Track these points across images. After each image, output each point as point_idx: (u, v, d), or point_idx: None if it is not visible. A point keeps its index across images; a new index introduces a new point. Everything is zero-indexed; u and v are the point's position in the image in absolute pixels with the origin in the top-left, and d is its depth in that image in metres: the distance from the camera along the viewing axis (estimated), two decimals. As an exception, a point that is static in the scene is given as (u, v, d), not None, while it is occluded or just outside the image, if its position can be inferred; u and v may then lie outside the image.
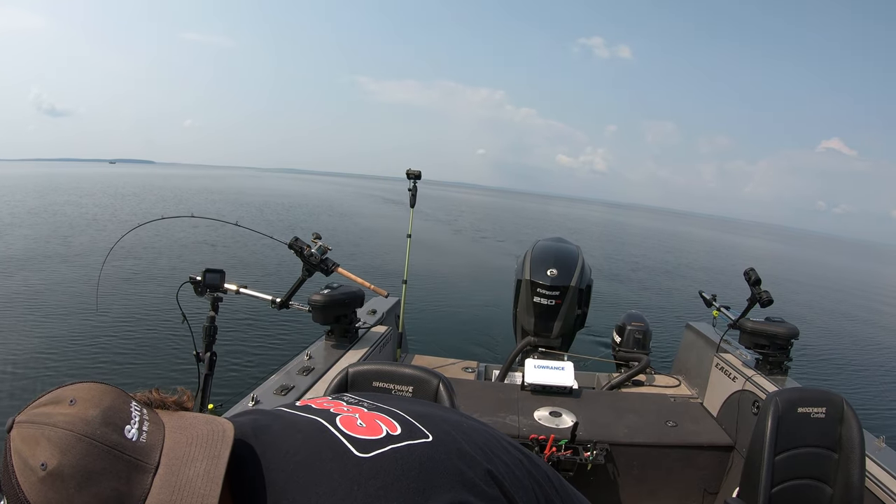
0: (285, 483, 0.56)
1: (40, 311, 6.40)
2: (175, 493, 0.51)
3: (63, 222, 14.81)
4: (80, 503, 0.48)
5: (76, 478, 0.48)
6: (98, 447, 0.50)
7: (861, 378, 7.16)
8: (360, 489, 0.53)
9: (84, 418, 0.51)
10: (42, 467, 0.48)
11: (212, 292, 1.53)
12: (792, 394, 1.74)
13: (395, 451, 0.58)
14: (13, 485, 0.50)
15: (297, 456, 0.58)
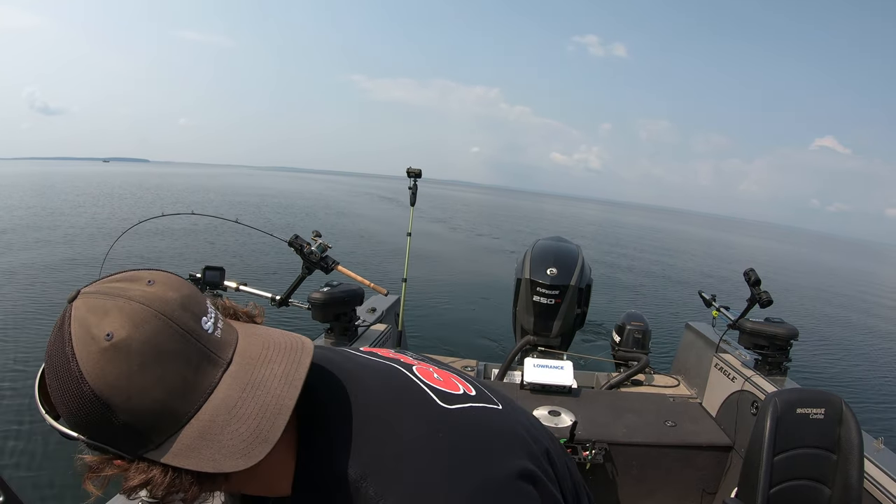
0: (364, 418, 0.52)
1: (41, 310, 6.40)
2: (246, 392, 0.46)
3: (63, 221, 14.80)
4: (139, 384, 0.43)
5: (143, 355, 0.43)
6: (173, 328, 0.45)
7: (860, 379, 7.17)
8: (444, 437, 0.51)
9: (163, 298, 0.46)
10: (107, 337, 0.43)
11: (211, 290, 1.53)
12: (791, 394, 1.74)
13: (474, 409, 0.56)
14: (66, 354, 0.44)
15: (377, 392, 0.55)
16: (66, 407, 0.46)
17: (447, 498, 0.47)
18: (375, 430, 0.51)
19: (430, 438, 0.50)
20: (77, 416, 0.46)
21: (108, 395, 0.43)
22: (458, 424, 0.53)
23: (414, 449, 0.49)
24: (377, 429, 0.51)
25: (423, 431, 0.51)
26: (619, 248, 22.51)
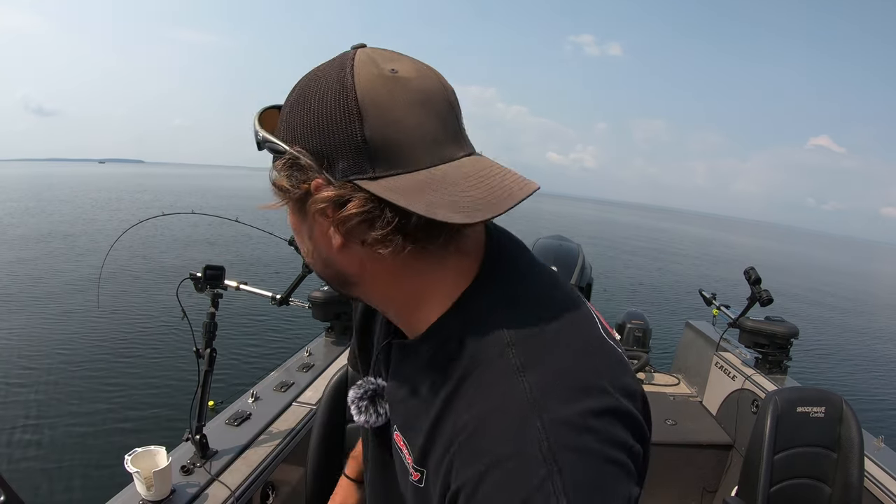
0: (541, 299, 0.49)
1: (43, 309, 6.41)
2: (481, 174, 0.45)
3: (62, 222, 14.81)
4: (400, 115, 0.42)
5: (417, 95, 0.43)
6: (447, 96, 0.46)
7: (860, 378, 7.17)
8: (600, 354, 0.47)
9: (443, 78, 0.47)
10: (391, 71, 0.43)
11: (212, 289, 1.53)
12: (791, 393, 1.74)
13: (619, 346, 0.51)
14: (343, 69, 0.43)
15: (561, 292, 0.51)
16: (317, 112, 0.44)
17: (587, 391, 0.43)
18: (545, 312, 0.47)
19: (587, 348, 0.47)
20: (322, 119, 0.44)
21: (367, 108, 0.42)
22: (614, 352, 0.48)
23: (571, 347, 0.46)
24: (546, 312, 0.48)
25: (584, 340, 0.47)
26: (619, 247, 22.53)
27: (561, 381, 0.43)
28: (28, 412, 3.91)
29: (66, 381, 4.44)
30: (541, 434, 0.40)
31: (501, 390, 0.43)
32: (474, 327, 0.47)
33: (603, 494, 0.39)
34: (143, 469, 1.19)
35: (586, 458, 0.40)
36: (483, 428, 0.43)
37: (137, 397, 4.26)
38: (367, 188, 0.42)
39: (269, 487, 1.48)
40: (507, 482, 0.39)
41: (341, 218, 0.44)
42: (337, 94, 0.43)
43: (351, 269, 0.49)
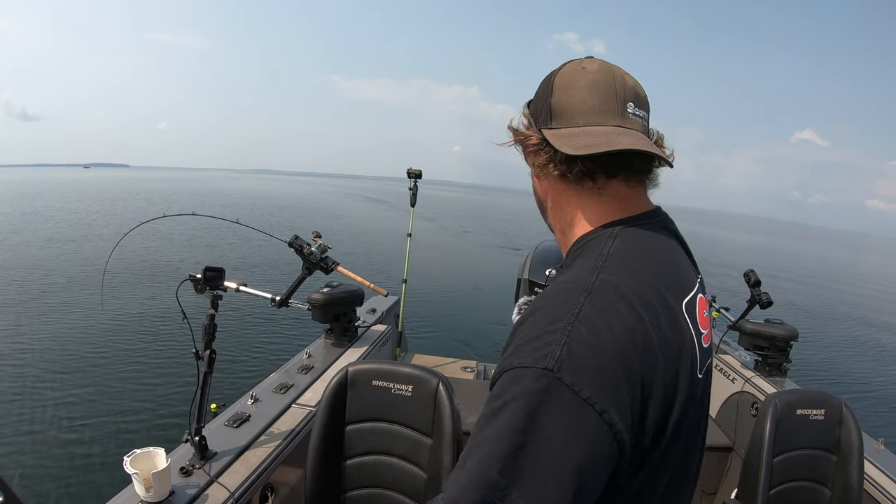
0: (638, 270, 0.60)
1: (43, 311, 6.41)
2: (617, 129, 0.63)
3: (60, 227, 14.80)
4: (573, 90, 0.65)
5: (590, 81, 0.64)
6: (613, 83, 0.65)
7: (860, 381, 7.16)
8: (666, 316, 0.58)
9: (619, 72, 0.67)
10: (581, 67, 0.67)
11: (211, 290, 1.53)
12: (791, 396, 1.74)
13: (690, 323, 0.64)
14: (556, 70, 0.68)
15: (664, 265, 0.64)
16: (539, 92, 0.69)
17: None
18: (645, 260, 0.62)
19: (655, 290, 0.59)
20: (539, 95, 0.69)
21: (556, 86, 0.66)
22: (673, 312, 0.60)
23: (642, 282, 0.58)
24: (646, 261, 0.62)
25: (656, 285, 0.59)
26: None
27: (618, 289, 0.55)
28: (28, 413, 3.91)
29: (66, 382, 4.43)
30: (579, 306, 0.53)
31: (577, 276, 0.58)
32: (595, 242, 0.64)
33: (588, 372, 0.49)
34: (142, 470, 1.19)
35: (595, 339, 0.51)
36: (551, 291, 0.59)
37: (137, 399, 4.25)
38: (543, 134, 0.66)
39: (269, 489, 1.47)
40: (538, 319, 0.54)
41: (528, 152, 0.69)
42: (548, 79, 0.68)
43: (543, 197, 0.74)
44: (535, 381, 0.49)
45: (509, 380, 0.51)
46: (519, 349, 0.53)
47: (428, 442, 1.38)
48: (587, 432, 0.48)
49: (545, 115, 0.67)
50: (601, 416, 0.48)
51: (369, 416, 1.43)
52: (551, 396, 0.48)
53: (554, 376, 0.49)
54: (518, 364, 0.51)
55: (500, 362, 0.55)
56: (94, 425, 3.80)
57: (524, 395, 0.49)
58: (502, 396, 0.50)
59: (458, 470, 0.50)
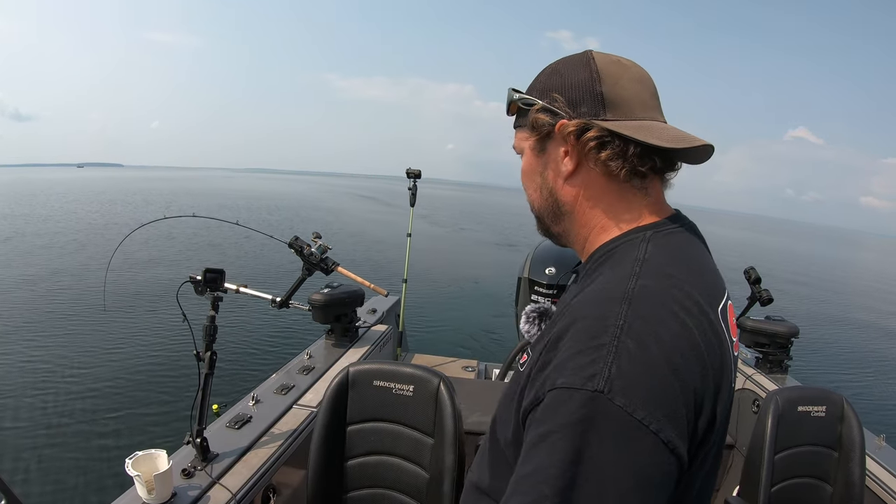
0: (678, 272, 0.58)
1: (43, 312, 6.41)
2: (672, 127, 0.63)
3: (60, 228, 14.79)
4: (623, 82, 0.62)
5: (636, 76, 0.64)
6: (648, 82, 0.65)
7: (861, 377, 7.16)
8: (703, 339, 0.54)
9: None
10: (619, 61, 0.65)
11: (212, 292, 1.53)
12: (792, 392, 1.74)
13: (725, 335, 0.62)
14: (586, 58, 0.64)
15: (699, 271, 0.61)
16: (568, 77, 0.63)
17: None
18: (681, 265, 0.59)
19: (691, 297, 0.54)
20: (572, 80, 0.63)
21: (604, 75, 0.62)
22: (712, 326, 0.55)
23: (680, 288, 0.55)
24: (681, 265, 0.59)
25: (693, 295, 0.55)
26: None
27: (661, 296, 0.53)
28: (29, 415, 3.91)
29: (67, 384, 4.43)
30: (619, 317, 0.50)
31: (614, 284, 0.55)
32: (626, 246, 0.61)
33: (641, 391, 0.46)
34: (143, 472, 1.19)
35: (645, 354, 0.47)
36: (586, 300, 0.56)
37: (138, 401, 4.25)
38: (602, 125, 0.60)
39: (270, 490, 1.47)
40: (579, 332, 0.51)
41: (582, 141, 0.61)
42: (584, 66, 0.63)
43: (567, 198, 0.66)
44: (583, 405, 0.45)
45: (554, 402, 0.47)
46: (562, 366, 0.49)
47: (429, 442, 1.38)
48: (645, 455, 0.45)
49: (594, 104, 0.61)
50: (657, 436, 0.45)
51: (370, 417, 1.44)
52: (603, 421, 0.45)
53: (605, 398, 0.45)
54: (563, 384, 0.48)
55: (541, 378, 0.51)
56: (95, 427, 3.80)
57: (574, 423, 0.45)
58: (547, 422, 0.47)
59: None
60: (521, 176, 0.71)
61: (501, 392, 0.72)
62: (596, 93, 0.61)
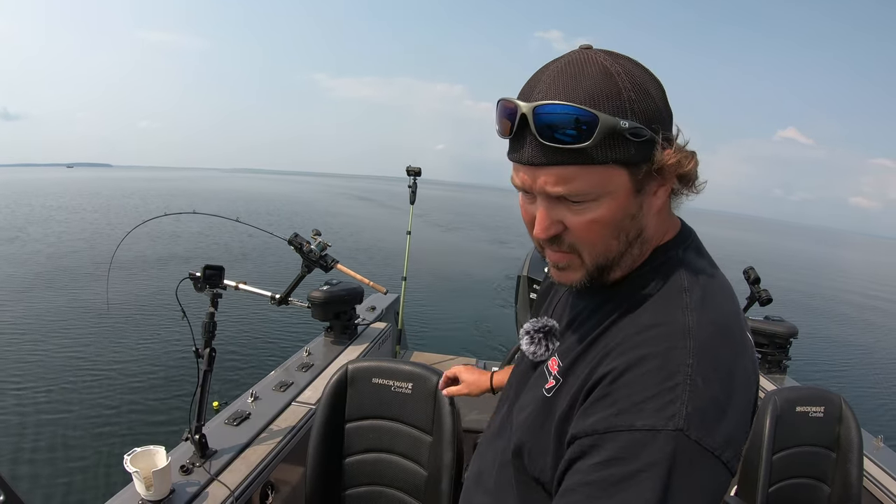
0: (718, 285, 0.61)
1: (41, 310, 6.41)
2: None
3: (62, 228, 14.78)
4: (649, 90, 0.55)
5: (651, 80, 0.56)
6: (658, 83, 0.58)
7: (860, 378, 7.17)
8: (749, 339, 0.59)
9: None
10: (640, 69, 0.57)
11: (211, 289, 1.53)
12: (790, 393, 1.74)
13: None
14: (647, 70, 0.56)
15: (724, 280, 0.63)
16: (658, 99, 0.55)
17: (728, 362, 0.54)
18: (714, 277, 0.61)
19: (738, 312, 0.60)
20: (661, 104, 0.56)
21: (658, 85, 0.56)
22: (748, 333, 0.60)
23: (728, 307, 0.59)
24: (714, 277, 0.61)
25: (736, 308, 0.60)
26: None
27: (718, 328, 0.55)
28: (27, 412, 3.91)
29: (65, 381, 4.43)
30: (687, 353, 0.51)
31: (671, 318, 0.55)
32: (667, 268, 0.61)
33: (711, 424, 0.49)
34: (142, 469, 1.19)
35: (710, 389, 0.50)
36: (645, 337, 0.55)
37: (137, 397, 4.25)
38: (683, 147, 0.57)
39: (269, 487, 1.48)
40: (648, 373, 0.52)
41: (683, 173, 0.57)
42: (658, 84, 0.56)
43: (650, 230, 0.61)
44: (667, 443, 0.48)
45: (636, 442, 0.49)
46: (638, 408, 0.50)
47: (428, 439, 1.39)
48: (713, 480, 0.50)
49: (670, 127, 0.57)
50: (726, 466, 0.50)
51: (369, 414, 1.44)
52: (685, 456, 0.48)
53: (683, 435, 0.48)
54: (643, 426, 0.49)
55: (604, 412, 0.52)
56: (93, 424, 3.81)
57: (662, 461, 0.48)
58: (632, 462, 0.49)
59: None
60: (590, 227, 0.57)
61: (521, 419, 0.70)
62: (671, 114, 0.57)
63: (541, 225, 0.58)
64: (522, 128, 0.54)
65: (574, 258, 0.60)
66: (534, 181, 0.55)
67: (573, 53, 0.56)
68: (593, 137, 0.51)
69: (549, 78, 0.54)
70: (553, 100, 0.52)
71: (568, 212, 0.56)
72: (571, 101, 0.51)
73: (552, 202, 0.56)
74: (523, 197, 0.60)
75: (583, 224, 0.56)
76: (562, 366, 0.64)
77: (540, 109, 0.52)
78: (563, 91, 0.52)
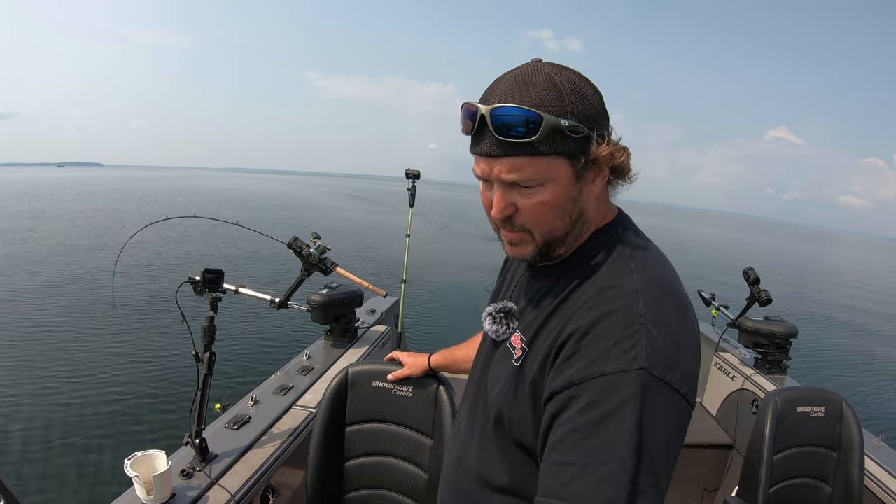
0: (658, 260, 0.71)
1: (42, 313, 6.40)
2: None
3: (68, 228, 14.77)
4: (587, 93, 0.66)
5: (590, 86, 0.67)
6: (601, 104, 0.68)
7: (860, 377, 7.17)
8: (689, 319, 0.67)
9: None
10: (574, 72, 0.69)
11: (210, 292, 1.53)
12: (791, 393, 1.74)
13: None
14: (585, 78, 0.67)
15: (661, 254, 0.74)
16: (595, 102, 0.66)
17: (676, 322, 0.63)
18: (653, 248, 0.73)
19: (676, 277, 0.70)
20: (598, 106, 0.66)
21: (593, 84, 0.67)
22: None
23: (667, 271, 0.69)
24: (653, 248, 0.73)
25: (673, 273, 0.70)
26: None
27: (659, 285, 0.65)
28: (28, 416, 3.90)
29: (67, 385, 4.43)
30: (640, 308, 0.61)
31: (619, 281, 0.65)
32: (610, 243, 0.71)
33: (668, 362, 0.58)
34: (142, 473, 1.19)
35: (663, 334, 0.60)
36: (601, 298, 0.64)
37: (137, 401, 4.25)
38: (616, 140, 0.68)
39: (269, 491, 1.47)
40: (610, 325, 0.61)
41: (615, 164, 0.67)
42: (595, 91, 0.67)
43: (589, 213, 0.71)
44: (635, 381, 0.56)
45: (608, 385, 0.57)
46: (605, 356, 0.59)
47: (429, 443, 1.38)
48: (677, 410, 0.58)
49: (606, 124, 0.67)
50: (685, 398, 0.59)
51: (370, 417, 1.43)
52: (651, 389, 0.56)
53: (647, 372, 0.57)
54: (612, 370, 0.58)
55: (575, 366, 0.60)
56: (94, 428, 3.80)
57: (633, 396, 0.56)
58: (608, 402, 0.56)
59: (586, 481, 0.54)
60: (537, 208, 0.67)
61: (495, 393, 0.76)
62: (606, 113, 0.67)
63: (497, 206, 0.68)
64: (482, 126, 0.65)
65: (525, 235, 0.71)
66: (491, 170, 0.66)
67: (526, 65, 0.66)
68: (539, 133, 0.61)
69: (504, 85, 0.65)
70: (507, 103, 0.63)
71: (519, 196, 0.67)
72: (522, 105, 0.62)
73: (506, 188, 0.67)
74: (483, 185, 0.71)
75: (532, 206, 0.67)
76: (525, 338, 0.73)
77: (496, 111, 0.63)
78: (515, 96, 0.63)
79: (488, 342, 0.84)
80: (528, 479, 0.71)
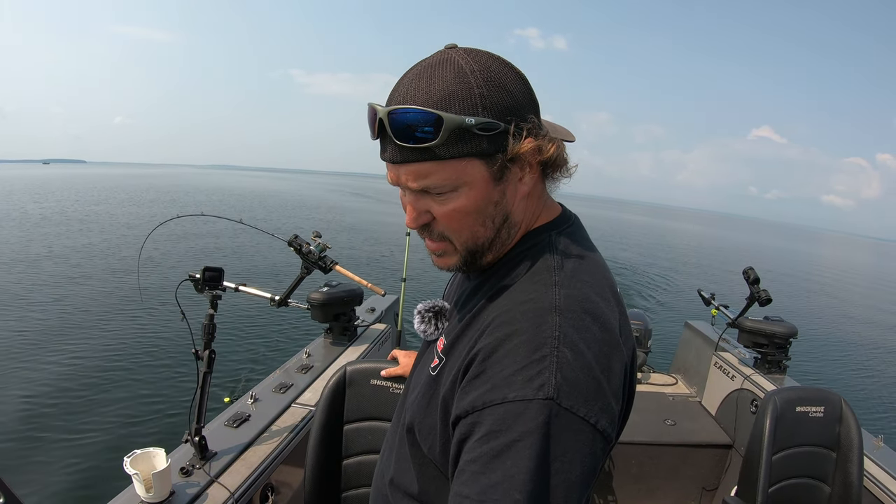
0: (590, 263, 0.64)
1: (41, 312, 6.40)
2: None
3: (81, 226, 14.77)
4: (509, 84, 0.58)
5: (513, 75, 0.60)
6: (527, 86, 0.62)
7: (860, 377, 7.18)
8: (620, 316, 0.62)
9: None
10: (493, 67, 0.60)
11: (210, 290, 1.53)
12: (790, 393, 1.74)
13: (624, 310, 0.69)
14: (512, 65, 0.60)
15: (600, 264, 0.66)
16: (518, 92, 0.59)
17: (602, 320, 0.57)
18: (586, 260, 0.64)
19: (604, 293, 0.61)
20: (523, 97, 0.59)
21: (520, 72, 0.61)
22: (621, 306, 0.64)
23: (595, 287, 0.61)
24: (587, 261, 0.64)
25: (604, 288, 0.62)
26: (616, 244, 22.52)
27: (581, 303, 0.57)
28: (27, 413, 3.91)
29: (65, 383, 4.43)
30: (554, 328, 0.53)
31: (538, 294, 0.58)
32: (537, 250, 0.64)
33: (582, 392, 0.51)
34: (142, 471, 1.19)
35: (580, 360, 0.52)
36: (514, 313, 0.57)
37: (136, 399, 4.25)
38: (546, 132, 0.61)
39: (269, 488, 1.48)
40: (517, 347, 0.53)
41: (545, 159, 0.60)
42: (521, 78, 0.60)
43: (517, 216, 0.64)
44: (540, 412, 0.49)
45: (509, 414, 0.50)
46: (510, 380, 0.52)
47: (428, 441, 1.39)
48: (588, 445, 0.51)
49: (537, 116, 0.60)
50: (595, 428, 0.51)
51: (368, 415, 1.43)
52: (557, 423, 0.49)
53: (554, 403, 0.50)
54: (516, 397, 0.51)
55: (478, 389, 0.53)
56: (93, 426, 3.80)
57: (535, 430, 0.49)
58: (507, 433, 0.50)
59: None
60: (453, 215, 0.61)
61: (413, 396, 0.71)
62: (536, 104, 0.61)
63: (410, 216, 0.63)
64: (383, 130, 0.58)
65: (447, 245, 0.64)
66: (398, 178, 0.60)
67: (436, 55, 0.59)
68: (440, 136, 0.54)
69: (407, 81, 0.58)
70: (407, 103, 0.56)
71: (433, 202, 0.60)
72: (423, 103, 0.55)
73: (418, 195, 0.61)
74: (400, 191, 0.64)
75: (446, 213, 0.61)
76: (445, 345, 0.67)
77: (393, 114, 0.56)
78: (417, 93, 0.56)
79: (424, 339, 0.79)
80: (437, 494, 0.67)
